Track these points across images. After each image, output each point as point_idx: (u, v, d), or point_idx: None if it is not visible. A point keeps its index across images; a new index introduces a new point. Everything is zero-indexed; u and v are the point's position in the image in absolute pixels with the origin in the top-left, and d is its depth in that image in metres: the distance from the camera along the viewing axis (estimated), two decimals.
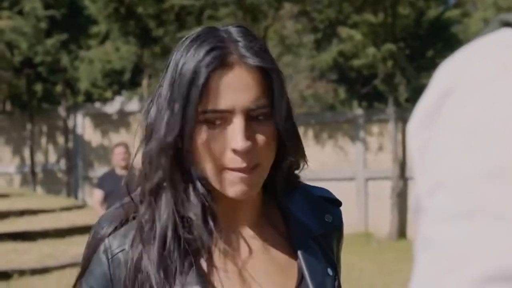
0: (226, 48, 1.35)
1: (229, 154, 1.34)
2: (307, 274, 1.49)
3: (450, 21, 23.72)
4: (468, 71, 0.64)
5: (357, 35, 18.98)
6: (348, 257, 13.49)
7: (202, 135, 1.34)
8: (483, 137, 0.60)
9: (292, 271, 1.51)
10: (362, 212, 18.95)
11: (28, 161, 21.80)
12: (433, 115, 0.65)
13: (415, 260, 0.63)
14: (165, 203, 1.41)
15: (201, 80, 1.31)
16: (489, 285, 0.56)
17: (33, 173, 21.54)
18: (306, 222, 1.55)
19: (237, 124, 1.33)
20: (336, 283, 1.55)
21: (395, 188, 18.24)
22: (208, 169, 1.37)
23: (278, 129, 1.41)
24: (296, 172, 1.56)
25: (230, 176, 1.36)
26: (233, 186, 1.37)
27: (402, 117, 18.39)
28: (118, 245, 1.47)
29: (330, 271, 1.54)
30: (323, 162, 18.82)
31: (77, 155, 21.63)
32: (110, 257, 1.47)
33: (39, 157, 22.10)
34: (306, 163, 1.55)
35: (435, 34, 22.73)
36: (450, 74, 0.65)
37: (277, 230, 1.55)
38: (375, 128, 19.57)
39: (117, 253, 1.47)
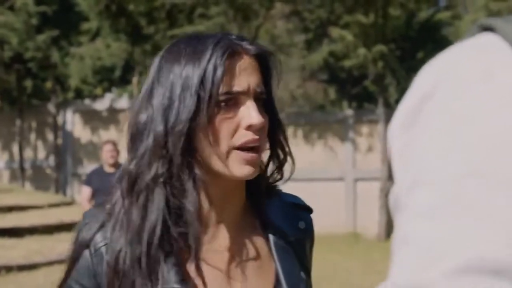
0: (228, 40, 1.47)
1: (241, 132, 1.44)
2: (283, 277, 1.54)
3: (440, 23, 23.76)
4: (449, 75, 0.66)
5: (348, 36, 18.98)
6: (336, 257, 13.51)
7: (218, 116, 1.43)
8: (461, 137, 0.62)
9: (269, 274, 1.56)
10: (351, 212, 18.97)
11: (17, 157, 21.72)
12: (414, 116, 0.66)
13: (393, 257, 0.65)
14: (157, 199, 1.43)
15: (219, 66, 1.42)
16: (466, 276, 0.58)
17: (22, 169, 21.47)
18: (281, 227, 1.60)
19: (251, 104, 1.45)
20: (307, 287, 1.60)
21: (383, 189, 18.26)
22: (219, 150, 1.44)
23: (271, 118, 1.53)
24: (278, 176, 1.61)
25: (239, 156, 1.44)
26: (242, 165, 1.45)
27: (392, 118, 18.40)
28: (101, 239, 1.49)
29: (303, 275, 1.59)
30: (312, 162, 18.84)
31: (66, 151, 21.58)
32: (93, 252, 1.49)
33: (28, 153, 22.02)
34: (293, 163, 1.59)
35: (426, 35, 22.76)
36: (432, 77, 0.67)
37: (255, 233, 1.59)
38: (364, 129, 19.60)
39: (100, 247, 1.49)
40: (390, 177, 18.33)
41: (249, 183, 1.56)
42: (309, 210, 1.71)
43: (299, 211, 1.67)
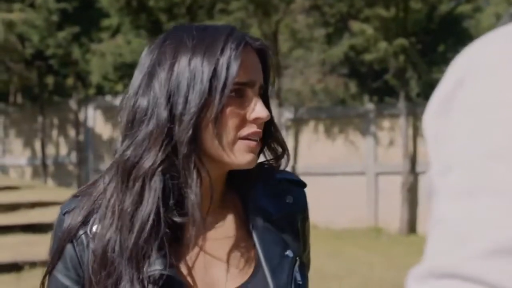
0: (239, 33, 1.49)
1: (247, 124, 1.46)
2: (263, 258, 1.52)
3: (461, 16, 23.66)
4: (480, 62, 0.67)
5: (369, 30, 18.93)
6: (357, 251, 13.49)
7: (226, 107, 1.44)
8: (489, 120, 0.63)
9: (249, 256, 1.55)
10: (372, 206, 18.92)
11: (39, 154, 21.86)
12: (447, 103, 0.68)
13: (428, 239, 0.65)
14: (155, 187, 1.42)
15: (236, 57, 1.43)
16: (498, 256, 0.58)
17: (44, 165, 21.60)
18: (264, 206, 1.58)
19: (257, 97, 1.48)
20: (297, 264, 1.56)
21: (405, 183, 18.20)
22: (225, 140, 1.45)
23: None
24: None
25: (244, 145, 1.46)
26: (246, 154, 1.47)
27: (413, 112, 18.34)
28: (81, 228, 1.49)
29: (290, 253, 1.56)
30: (333, 157, 18.81)
31: (88, 148, 21.68)
32: (75, 241, 1.49)
33: (50, 150, 22.15)
34: (288, 157, 1.62)
35: (447, 29, 22.68)
36: (464, 64, 0.68)
37: (236, 216, 1.59)
38: (386, 123, 19.53)
39: (80, 235, 1.49)
40: (411, 171, 18.29)
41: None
42: (300, 185, 1.68)
43: (288, 186, 1.64)
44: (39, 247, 10.16)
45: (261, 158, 1.60)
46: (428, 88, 20.07)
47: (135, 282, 1.41)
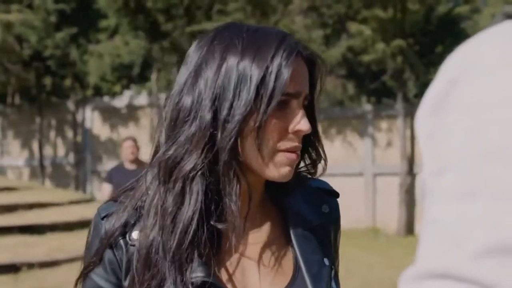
0: (292, 40, 1.43)
1: (289, 136, 1.41)
2: (303, 265, 1.51)
3: (459, 17, 23.65)
4: (474, 61, 0.67)
5: (367, 31, 18.94)
6: (356, 252, 13.50)
7: (270, 118, 1.39)
8: (484, 120, 0.63)
9: (288, 262, 1.53)
10: (370, 207, 18.94)
11: (37, 155, 21.85)
12: (440, 103, 0.67)
13: (420, 241, 0.65)
14: (196, 189, 1.40)
15: (286, 66, 1.37)
16: (493, 257, 0.58)
17: (41, 166, 21.59)
18: (303, 213, 1.57)
19: (301, 109, 1.42)
20: (333, 273, 1.55)
21: (403, 184, 18.22)
22: (265, 152, 1.40)
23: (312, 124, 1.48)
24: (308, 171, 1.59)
25: (281, 158, 1.42)
26: (282, 167, 1.43)
27: (411, 113, 18.35)
28: (120, 233, 1.48)
29: (326, 261, 1.54)
30: (331, 158, 18.66)
31: (85, 149, 21.67)
32: (114, 246, 1.47)
33: (48, 151, 22.14)
34: (325, 161, 1.59)
35: (445, 30, 22.66)
36: (457, 64, 0.68)
37: (275, 222, 1.57)
38: (383, 124, 19.55)
39: (120, 240, 1.47)
40: (409, 172, 18.29)
41: None
42: (335, 195, 1.67)
43: (324, 195, 1.64)
44: (36, 248, 10.17)
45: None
46: (426, 89, 19.96)
47: (179, 286, 1.39)
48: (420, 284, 0.61)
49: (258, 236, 1.54)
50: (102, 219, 1.50)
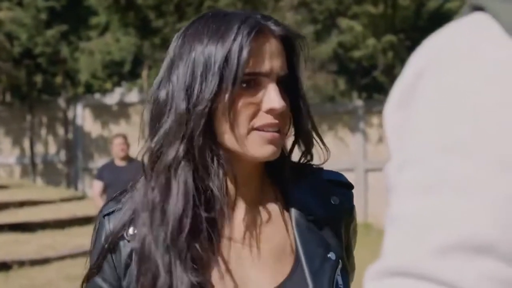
0: (254, 19, 1.43)
1: (262, 115, 1.41)
2: (303, 258, 1.49)
3: (450, 13, 23.67)
4: (440, 53, 0.67)
5: (357, 26, 18.96)
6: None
7: (239, 98, 1.39)
8: (448, 113, 0.62)
9: (289, 255, 1.51)
10: (362, 202, 18.96)
11: (28, 152, 21.80)
12: (407, 96, 0.67)
13: (384, 237, 0.65)
14: (183, 178, 1.41)
15: (245, 46, 1.38)
16: (453, 253, 0.58)
17: (33, 164, 21.54)
18: (309, 206, 1.55)
19: (273, 87, 1.41)
20: (339, 267, 1.52)
21: None
22: (238, 132, 1.40)
23: (295, 103, 1.49)
24: (307, 160, 1.59)
25: (259, 136, 1.41)
26: (263, 146, 1.41)
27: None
28: (119, 234, 1.48)
29: (332, 256, 1.51)
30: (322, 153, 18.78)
31: (77, 146, 21.62)
32: (113, 248, 1.48)
33: (39, 148, 22.08)
34: (326, 150, 1.59)
35: (436, 25, 22.52)
36: (425, 55, 0.68)
37: (277, 213, 1.55)
38: (375, 119, 19.56)
39: (119, 242, 1.48)
40: None
41: (268, 164, 1.52)
42: (348, 186, 1.65)
43: (334, 187, 1.61)
44: (27, 246, 10.16)
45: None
46: None
47: (175, 280, 1.39)
48: (382, 281, 0.61)
49: (258, 226, 1.52)
50: (104, 217, 1.51)
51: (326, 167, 1.64)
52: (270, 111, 1.40)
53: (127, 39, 21.04)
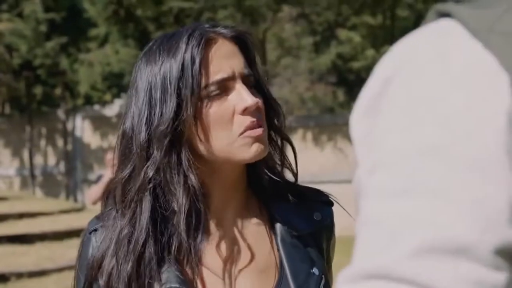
0: (202, 29, 1.42)
1: (238, 118, 1.39)
2: (289, 273, 1.48)
3: None
4: (408, 59, 0.68)
5: (356, 37, 18.99)
6: (346, 260, 13.60)
7: (208, 110, 1.38)
8: (418, 118, 0.63)
9: (273, 270, 1.50)
10: None
11: (27, 164, 21.80)
12: (375, 102, 0.68)
13: (356, 241, 0.65)
14: (145, 207, 1.40)
15: (196, 56, 1.37)
16: (428, 256, 0.58)
17: (32, 175, 21.53)
18: (292, 221, 1.54)
19: (240, 87, 1.40)
20: (323, 282, 1.52)
21: None
22: (219, 143, 1.39)
23: (266, 101, 1.48)
24: (280, 168, 1.57)
25: (244, 140, 1.40)
26: (250, 147, 1.40)
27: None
28: (99, 260, 1.47)
29: (315, 271, 1.51)
30: (322, 165, 18.82)
31: (76, 157, 21.63)
32: (94, 278, 1.48)
33: (39, 160, 22.09)
34: (294, 152, 1.59)
35: None
36: (392, 62, 0.70)
37: (260, 229, 1.54)
38: None
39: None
40: None
41: (250, 175, 1.52)
42: (329, 203, 1.66)
43: (316, 204, 1.62)
44: (26, 258, 10.13)
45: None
46: None
47: None
48: (355, 284, 0.61)
49: (244, 241, 1.52)
50: (90, 233, 1.51)
51: (326, 178, 1.64)
52: (246, 111, 1.39)
53: (126, 51, 21.06)
